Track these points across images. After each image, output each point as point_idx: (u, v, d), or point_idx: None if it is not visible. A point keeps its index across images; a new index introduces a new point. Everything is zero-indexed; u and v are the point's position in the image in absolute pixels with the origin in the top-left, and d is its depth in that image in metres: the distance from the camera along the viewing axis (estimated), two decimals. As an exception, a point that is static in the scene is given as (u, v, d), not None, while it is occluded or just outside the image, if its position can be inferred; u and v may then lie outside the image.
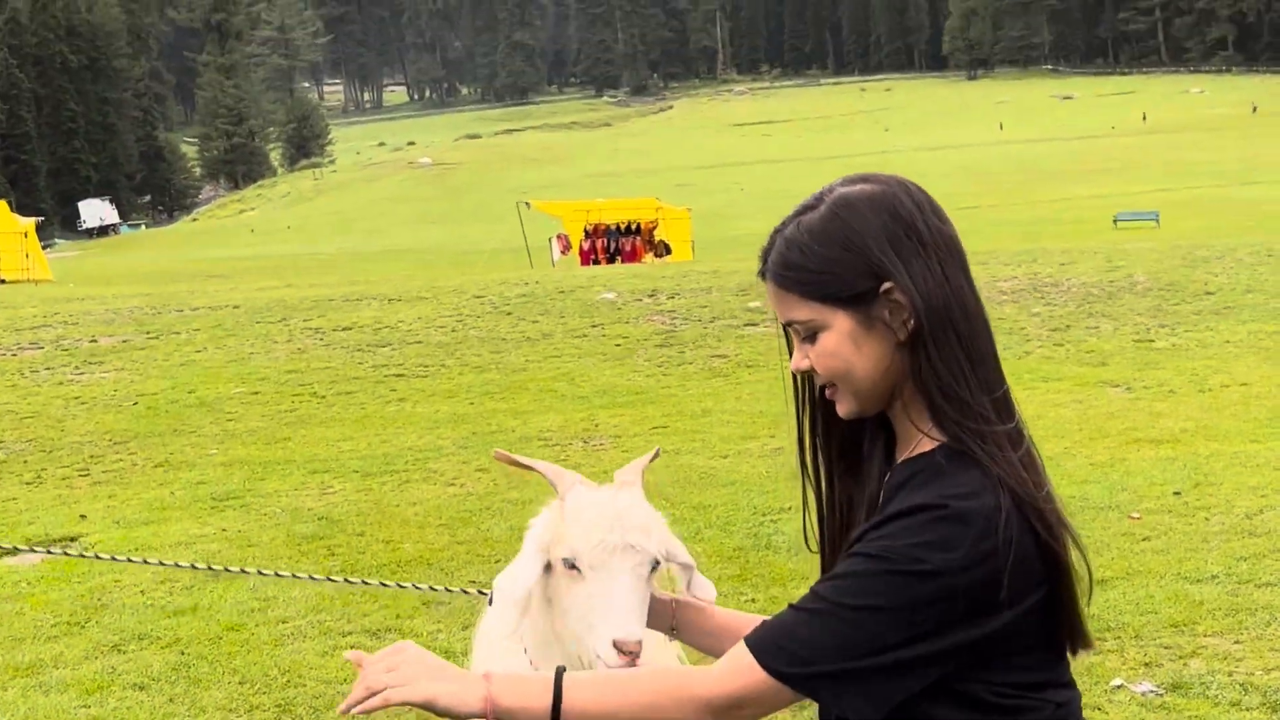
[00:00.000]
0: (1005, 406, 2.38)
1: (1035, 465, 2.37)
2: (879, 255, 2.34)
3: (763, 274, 2.47)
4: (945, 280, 2.35)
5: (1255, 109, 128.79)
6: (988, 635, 2.29)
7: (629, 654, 2.49)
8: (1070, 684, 2.44)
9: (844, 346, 2.38)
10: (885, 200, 2.38)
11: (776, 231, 2.46)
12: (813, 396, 2.55)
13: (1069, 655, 2.44)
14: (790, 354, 2.54)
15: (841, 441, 2.56)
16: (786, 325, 2.47)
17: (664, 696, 2.34)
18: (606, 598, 2.55)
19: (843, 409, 2.46)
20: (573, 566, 2.60)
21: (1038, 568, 2.31)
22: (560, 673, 2.35)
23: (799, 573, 8.13)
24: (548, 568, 2.69)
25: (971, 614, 2.27)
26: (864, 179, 2.44)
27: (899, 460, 2.45)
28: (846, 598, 2.28)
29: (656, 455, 2.97)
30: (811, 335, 2.41)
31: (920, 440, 2.40)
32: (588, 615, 2.58)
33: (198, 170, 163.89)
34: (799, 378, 2.55)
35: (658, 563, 2.65)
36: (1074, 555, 2.38)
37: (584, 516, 2.63)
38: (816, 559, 2.63)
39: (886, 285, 2.33)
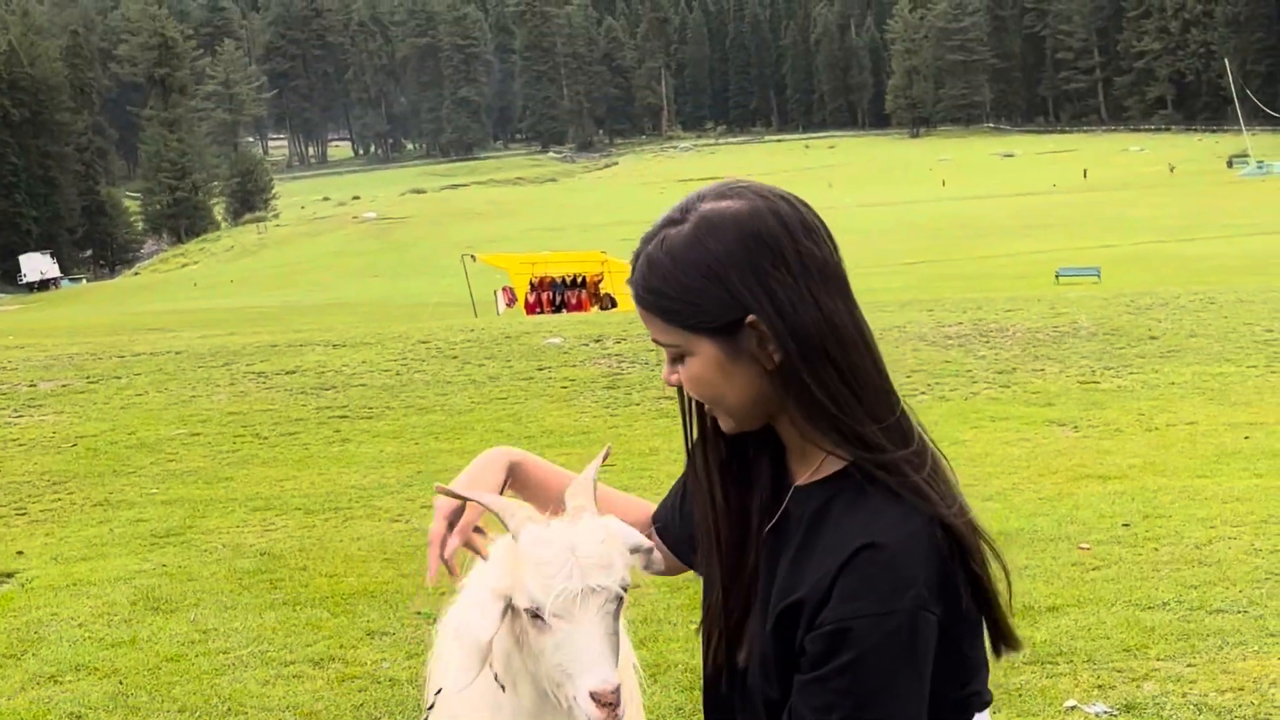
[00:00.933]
0: (898, 433, 2.31)
1: (942, 481, 2.32)
2: (739, 286, 2.23)
3: (630, 288, 2.37)
4: (817, 307, 2.24)
5: (1173, 169, 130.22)
6: (957, 645, 2.29)
7: (607, 705, 2.38)
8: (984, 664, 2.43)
9: (711, 373, 2.30)
10: (750, 222, 2.26)
11: (643, 243, 2.35)
12: (696, 403, 2.48)
13: (993, 658, 2.43)
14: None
15: (728, 448, 2.49)
16: (659, 343, 2.38)
17: None
18: (576, 646, 2.43)
19: (724, 426, 2.40)
20: (536, 616, 2.47)
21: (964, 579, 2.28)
22: None
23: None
24: (507, 608, 2.55)
25: (944, 633, 2.25)
26: (732, 193, 2.31)
27: (805, 479, 2.38)
28: (862, 693, 2.21)
29: (606, 455, 2.77)
30: (679, 357, 2.33)
31: (825, 458, 2.35)
32: (561, 664, 2.45)
33: (140, 224, 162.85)
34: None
35: (625, 591, 2.52)
36: (994, 564, 2.35)
37: (540, 562, 2.47)
38: None
39: (750, 317, 2.24)
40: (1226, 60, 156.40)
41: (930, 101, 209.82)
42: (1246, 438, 13.47)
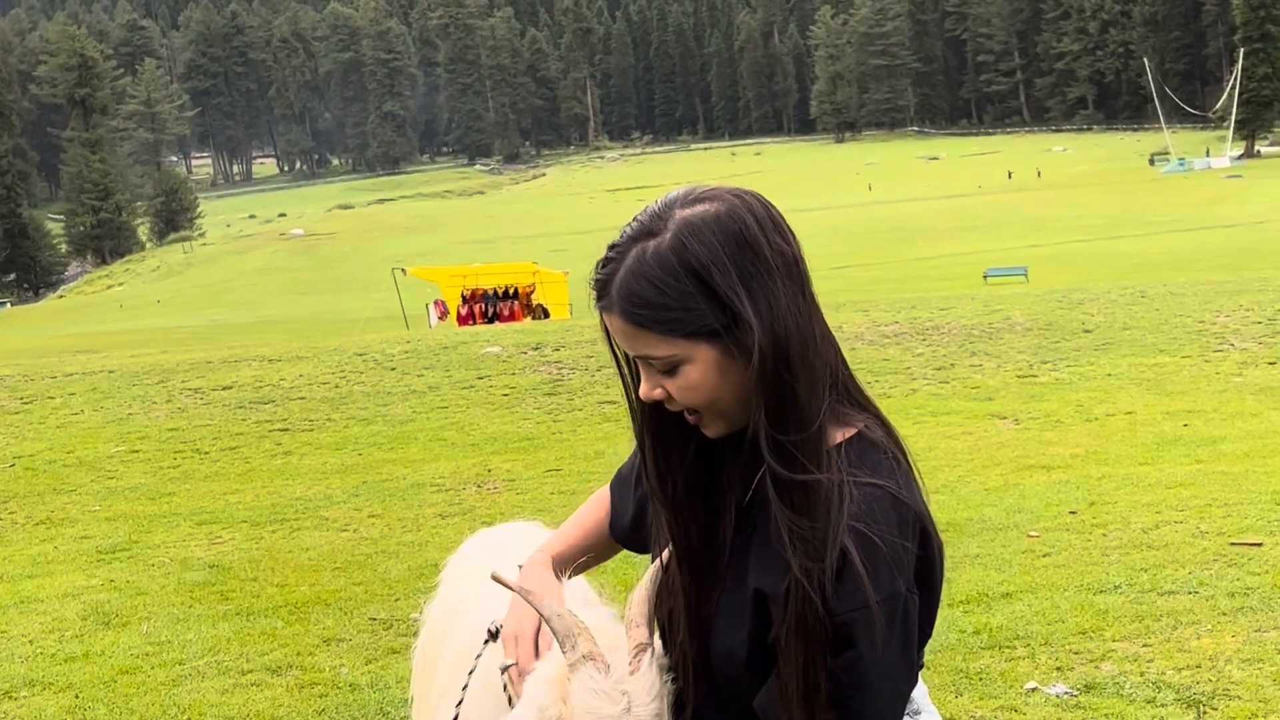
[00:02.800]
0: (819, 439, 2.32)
1: (905, 474, 2.38)
2: (726, 288, 2.24)
3: (605, 306, 2.33)
4: (786, 306, 2.27)
5: (1036, 173, 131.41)
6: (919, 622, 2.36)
7: None
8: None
9: (709, 378, 2.29)
10: (730, 223, 2.27)
11: (613, 260, 2.32)
12: (663, 421, 2.45)
13: None
14: (629, 380, 2.45)
15: (697, 457, 2.48)
16: (638, 359, 2.35)
17: None
18: None
19: (711, 431, 2.39)
20: None
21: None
22: None
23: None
24: None
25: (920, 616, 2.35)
26: (704, 197, 2.33)
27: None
28: (869, 682, 2.26)
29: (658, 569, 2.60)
30: (671, 369, 2.31)
31: None
32: None
33: (64, 247, 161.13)
34: (646, 405, 2.43)
35: None
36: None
37: (590, 715, 2.39)
38: None
39: (733, 315, 2.25)
40: (1145, 59, 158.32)
41: (855, 106, 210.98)
42: (1185, 425, 13.64)
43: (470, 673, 2.90)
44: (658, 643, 2.51)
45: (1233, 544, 8.74)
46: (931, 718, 2.56)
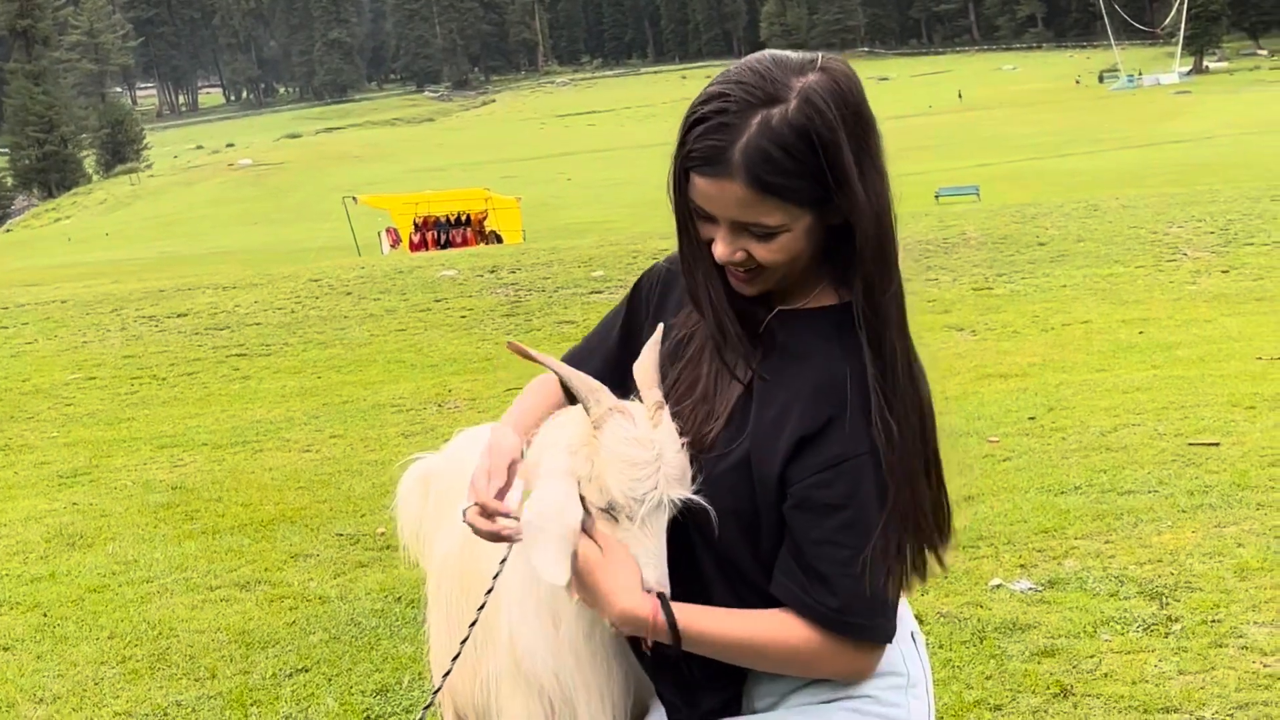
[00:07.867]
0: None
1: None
2: (845, 161, 2.24)
3: (720, 173, 2.26)
4: (883, 180, 2.32)
5: (961, 95, 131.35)
6: None
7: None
8: None
9: (798, 244, 2.31)
10: (849, 97, 2.27)
11: (726, 126, 2.26)
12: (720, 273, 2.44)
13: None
14: (690, 241, 2.41)
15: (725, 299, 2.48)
16: (741, 224, 2.30)
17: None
18: (636, 545, 2.39)
19: (753, 288, 2.40)
20: (608, 512, 2.40)
21: None
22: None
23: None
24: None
25: None
26: (812, 66, 2.29)
27: (788, 305, 2.44)
28: (869, 527, 2.28)
29: (663, 333, 2.59)
30: (770, 235, 2.30)
31: (815, 292, 2.43)
32: None
33: (9, 180, 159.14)
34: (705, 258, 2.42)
35: None
36: None
37: (628, 463, 2.38)
38: None
39: (847, 188, 2.26)
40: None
41: (805, 27, 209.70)
42: (1140, 333, 13.77)
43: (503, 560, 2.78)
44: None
45: (1190, 444, 8.85)
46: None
